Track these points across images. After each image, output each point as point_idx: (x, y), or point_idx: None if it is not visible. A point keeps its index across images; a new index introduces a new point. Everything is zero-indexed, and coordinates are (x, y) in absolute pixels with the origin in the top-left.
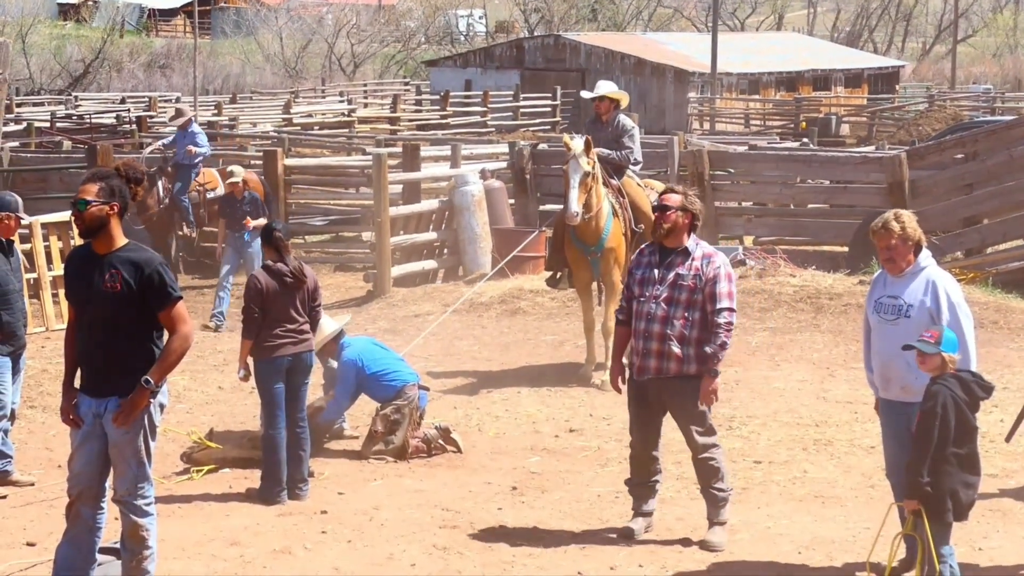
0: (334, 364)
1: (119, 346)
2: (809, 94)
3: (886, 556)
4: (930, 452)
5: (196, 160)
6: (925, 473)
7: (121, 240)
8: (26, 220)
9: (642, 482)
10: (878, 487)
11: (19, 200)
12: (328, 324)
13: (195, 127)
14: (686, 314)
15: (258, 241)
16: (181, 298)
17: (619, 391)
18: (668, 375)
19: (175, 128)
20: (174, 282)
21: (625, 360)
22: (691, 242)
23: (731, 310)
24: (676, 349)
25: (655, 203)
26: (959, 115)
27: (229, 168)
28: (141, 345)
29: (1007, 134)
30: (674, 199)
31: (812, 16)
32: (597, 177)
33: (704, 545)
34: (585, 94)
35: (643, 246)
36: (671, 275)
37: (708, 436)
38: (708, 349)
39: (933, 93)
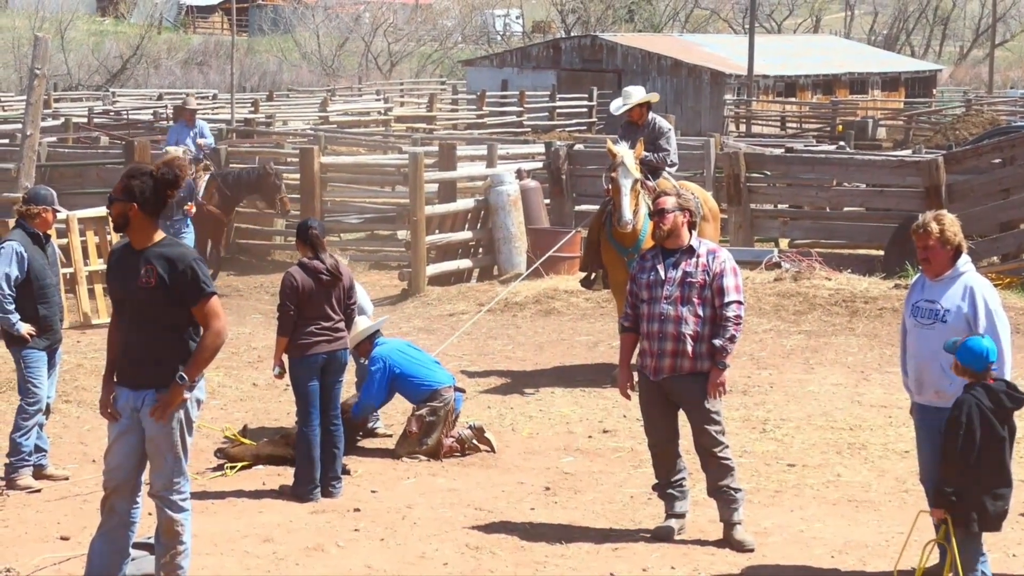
0: (366, 362)
1: (155, 340)
2: (846, 97)
3: (915, 562)
4: (955, 461)
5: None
6: (950, 483)
7: (157, 236)
8: (62, 214)
9: (668, 483)
10: (912, 491)
11: (54, 193)
12: (363, 323)
13: (201, 121)
14: (699, 312)
15: (190, 229)
16: (215, 294)
17: (628, 398)
18: (682, 373)
19: (175, 122)
20: (208, 278)
21: (634, 361)
22: (694, 240)
23: (739, 303)
24: (690, 347)
25: (653, 209)
26: (996, 119)
27: (164, 149)
28: (176, 340)
29: None
30: (669, 201)
31: (849, 19)
32: (643, 182)
33: (738, 546)
34: (615, 108)
35: (644, 251)
36: (679, 274)
37: (720, 434)
38: (717, 342)
39: (970, 97)
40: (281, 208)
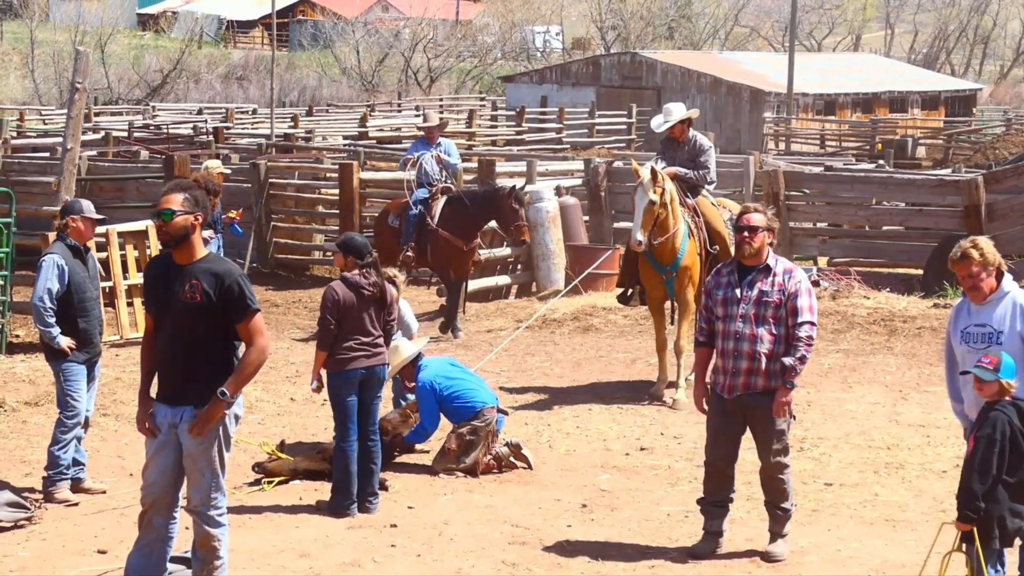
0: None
1: (196, 356)
2: (886, 116)
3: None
4: (990, 478)
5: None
6: (981, 498)
7: (202, 251)
8: (99, 219)
9: (716, 500)
10: (950, 512)
11: (84, 203)
12: (406, 347)
13: (448, 141)
14: (773, 330)
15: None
16: (259, 310)
17: (704, 412)
18: (755, 391)
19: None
20: (253, 294)
21: (708, 379)
22: (771, 259)
23: (812, 324)
24: (764, 365)
25: (738, 223)
26: None
27: (206, 163)
28: (218, 356)
29: None
30: (759, 219)
31: (889, 37)
32: (668, 203)
33: (767, 557)
34: (656, 125)
35: (720, 266)
36: (755, 293)
37: (783, 455)
38: (787, 361)
39: (1010, 116)
40: (517, 237)
